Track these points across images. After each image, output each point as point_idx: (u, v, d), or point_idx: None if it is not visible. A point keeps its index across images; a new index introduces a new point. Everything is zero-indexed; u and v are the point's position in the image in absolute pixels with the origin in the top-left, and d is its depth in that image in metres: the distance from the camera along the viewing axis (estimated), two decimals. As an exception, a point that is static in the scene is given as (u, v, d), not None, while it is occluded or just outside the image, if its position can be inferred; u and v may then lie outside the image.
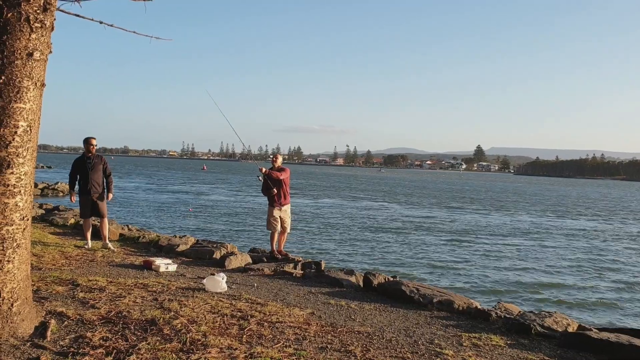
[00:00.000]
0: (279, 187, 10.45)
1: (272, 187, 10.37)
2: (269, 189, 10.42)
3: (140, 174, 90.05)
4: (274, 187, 10.38)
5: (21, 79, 4.85)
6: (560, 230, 32.57)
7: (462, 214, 40.38)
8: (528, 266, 19.60)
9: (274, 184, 10.40)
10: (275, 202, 10.46)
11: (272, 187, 10.37)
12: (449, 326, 6.62)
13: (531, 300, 14.40)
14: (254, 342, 5.34)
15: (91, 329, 5.37)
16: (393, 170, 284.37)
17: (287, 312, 6.62)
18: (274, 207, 10.50)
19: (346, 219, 32.89)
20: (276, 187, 10.41)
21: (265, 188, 10.53)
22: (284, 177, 10.51)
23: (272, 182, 10.40)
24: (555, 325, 6.62)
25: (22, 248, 5.05)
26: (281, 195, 10.49)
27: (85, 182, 10.35)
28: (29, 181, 5.06)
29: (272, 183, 10.39)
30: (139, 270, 8.82)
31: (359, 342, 5.67)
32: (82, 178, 10.38)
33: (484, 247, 23.55)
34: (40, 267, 8.28)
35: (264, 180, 10.41)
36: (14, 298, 4.97)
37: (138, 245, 11.44)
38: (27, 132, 4.95)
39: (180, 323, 5.73)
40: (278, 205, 10.50)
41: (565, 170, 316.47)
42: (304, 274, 9.37)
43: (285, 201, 10.61)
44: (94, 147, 10.46)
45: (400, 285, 8.03)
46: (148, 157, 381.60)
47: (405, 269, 17.57)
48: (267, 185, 10.44)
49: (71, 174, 10.55)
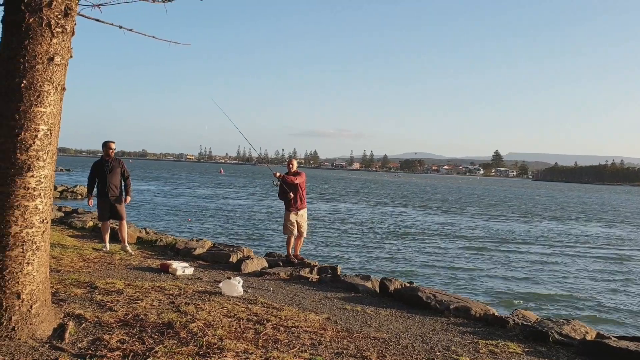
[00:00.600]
0: (295, 191, 10.47)
1: (289, 192, 10.39)
2: (286, 193, 10.44)
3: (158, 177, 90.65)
4: (290, 192, 10.40)
5: (42, 83, 4.91)
6: (581, 237, 32.24)
7: (479, 220, 40.13)
8: (546, 273, 19.43)
9: (290, 189, 10.43)
10: (291, 206, 10.49)
11: (288, 191, 10.40)
12: (465, 333, 6.57)
13: (549, 308, 14.27)
14: (269, 347, 5.35)
15: (108, 331, 5.41)
16: (410, 175, 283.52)
17: (303, 317, 6.61)
18: (290, 212, 10.53)
19: (362, 224, 32.84)
20: (292, 192, 10.43)
21: (281, 192, 10.57)
22: (300, 182, 10.54)
23: (287, 186, 10.43)
24: (573, 333, 6.55)
25: (41, 250, 5.10)
26: (297, 199, 10.51)
27: (103, 185, 10.43)
28: (49, 184, 5.11)
29: (288, 187, 10.42)
30: (156, 274, 8.87)
31: (375, 348, 5.65)
32: (101, 181, 10.47)
33: (502, 254, 23.39)
34: (59, 270, 8.36)
35: (280, 184, 10.44)
36: (33, 300, 5.02)
37: (155, 248, 11.51)
38: (47, 136, 5.01)
39: (197, 326, 5.75)
40: (294, 210, 10.52)
41: (584, 176, 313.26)
42: (320, 278, 9.36)
43: (302, 205, 10.63)
44: (112, 150, 10.55)
45: (416, 291, 8.00)
46: (166, 161, 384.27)
47: (422, 275, 17.49)
48: (283, 189, 10.47)
49: (90, 177, 10.61)
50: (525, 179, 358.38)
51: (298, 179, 10.53)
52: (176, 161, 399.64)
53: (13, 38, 4.84)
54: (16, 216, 4.86)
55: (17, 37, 4.83)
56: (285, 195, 10.47)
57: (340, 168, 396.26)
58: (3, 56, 4.90)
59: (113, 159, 10.59)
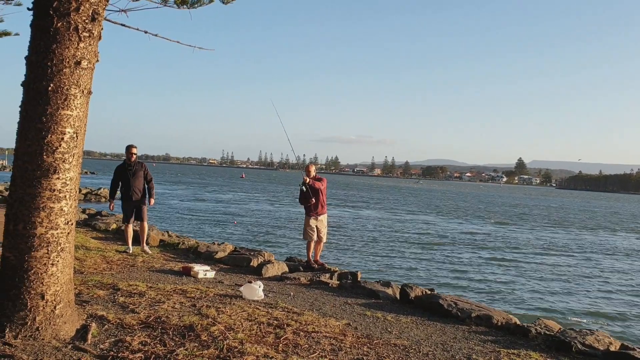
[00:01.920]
0: (316, 196, 10.48)
1: (312, 197, 10.40)
2: (308, 198, 10.45)
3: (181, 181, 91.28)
4: (313, 197, 10.41)
5: (69, 87, 4.98)
6: (611, 248, 31.79)
7: (502, 228, 39.80)
8: (570, 283, 19.20)
9: (313, 194, 10.44)
10: (311, 211, 10.49)
11: (311, 196, 10.40)
12: (487, 341, 6.51)
13: (572, 318, 14.08)
14: (289, 351, 5.35)
15: (130, 333, 5.46)
16: (431, 182, 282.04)
17: (323, 322, 6.60)
18: (310, 217, 10.54)
19: (382, 230, 32.74)
20: (314, 197, 10.45)
21: (303, 197, 10.57)
22: (322, 187, 10.54)
23: (313, 191, 10.44)
24: (596, 344, 6.45)
25: (65, 252, 5.16)
26: (318, 204, 10.51)
27: (127, 188, 10.53)
28: (74, 186, 5.18)
29: (312, 193, 10.43)
30: (178, 276, 8.92)
31: (395, 355, 5.63)
32: (124, 184, 10.57)
33: (525, 263, 23.16)
34: (82, 271, 8.45)
35: (305, 189, 10.42)
36: (57, 301, 5.08)
37: (177, 251, 11.58)
38: (73, 139, 5.07)
39: (218, 330, 5.77)
40: (314, 215, 10.53)
41: (609, 185, 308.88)
42: (340, 284, 9.34)
43: (322, 211, 10.63)
44: (134, 155, 10.64)
45: (437, 299, 7.94)
46: (189, 165, 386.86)
47: (443, 283, 17.38)
48: (305, 195, 10.48)
49: (113, 181, 10.73)
50: (549, 187, 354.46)
51: (321, 185, 10.53)
52: (199, 165, 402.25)
53: (41, 42, 4.93)
54: (42, 217, 4.93)
55: (45, 41, 4.91)
56: (307, 200, 10.47)
57: (361, 174, 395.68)
58: (31, 60, 4.98)
59: (135, 162, 10.69)
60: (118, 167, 10.76)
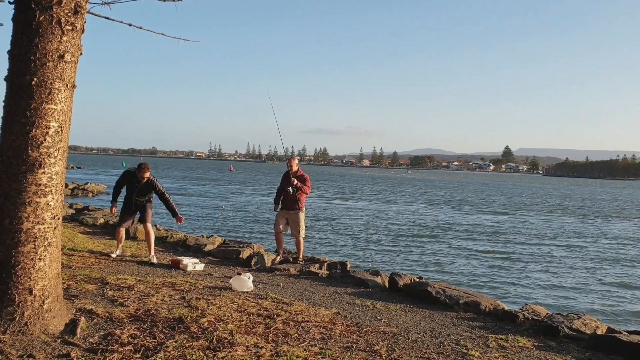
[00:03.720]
0: (286, 192, 10.36)
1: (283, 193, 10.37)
2: (279, 193, 10.49)
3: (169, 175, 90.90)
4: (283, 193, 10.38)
5: (52, 81, 4.95)
6: (594, 233, 32.07)
7: (487, 216, 40.03)
8: (557, 269, 19.35)
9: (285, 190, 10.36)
10: (282, 205, 10.47)
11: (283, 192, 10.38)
12: (475, 327, 6.58)
13: (559, 303, 14.22)
14: (279, 341, 5.38)
15: (120, 326, 5.46)
16: (420, 172, 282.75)
17: (312, 312, 6.64)
18: (280, 210, 10.53)
19: (372, 220, 32.82)
20: (284, 193, 10.37)
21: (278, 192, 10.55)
22: (306, 188, 10.37)
23: (299, 191, 10.31)
24: (583, 328, 6.54)
25: (53, 246, 5.15)
26: (287, 200, 10.35)
27: (129, 200, 9.79)
28: (60, 181, 5.16)
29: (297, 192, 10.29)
30: (167, 270, 8.92)
31: (384, 342, 5.67)
32: (127, 195, 9.84)
33: (512, 249, 23.32)
34: (71, 266, 8.42)
35: (293, 191, 10.21)
36: (45, 295, 5.07)
37: (166, 244, 11.57)
38: (58, 133, 5.05)
39: (208, 321, 5.79)
40: (284, 209, 10.44)
41: (595, 171, 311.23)
42: (330, 274, 9.38)
43: (294, 207, 10.31)
44: (144, 179, 9.66)
45: (426, 286, 8.01)
46: (176, 158, 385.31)
47: (431, 271, 17.47)
48: (278, 190, 10.51)
49: (119, 183, 9.89)
50: (536, 174, 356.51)
51: (305, 188, 10.35)
52: (186, 158, 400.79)
53: (23, 36, 4.90)
54: (28, 212, 4.92)
55: (28, 35, 4.87)
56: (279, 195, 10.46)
57: (349, 165, 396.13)
58: (14, 54, 4.95)
59: (147, 182, 9.74)
60: (127, 174, 9.87)
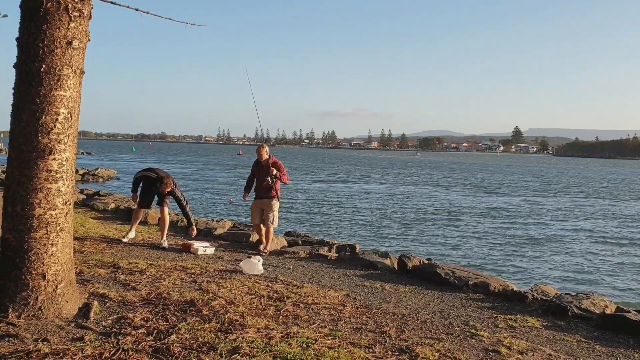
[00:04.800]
0: (258, 181, 9.90)
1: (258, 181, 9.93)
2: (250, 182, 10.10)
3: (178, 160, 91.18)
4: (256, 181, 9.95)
5: (61, 67, 4.98)
6: (606, 213, 31.96)
7: (496, 197, 39.94)
8: (566, 249, 19.35)
9: (258, 179, 9.93)
10: (255, 194, 10.01)
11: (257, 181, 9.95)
12: (484, 308, 6.62)
13: (569, 283, 14.24)
14: (290, 323, 5.43)
15: (132, 310, 5.53)
16: (429, 153, 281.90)
17: (322, 294, 6.69)
18: (254, 199, 10.04)
19: (381, 203, 32.85)
20: (257, 181, 9.93)
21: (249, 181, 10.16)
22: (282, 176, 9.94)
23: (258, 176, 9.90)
24: (592, 307, 6.56)
25: (65, 232, 5.21)
26: (261, 188, 9.87)
27: (147, 200, 10.05)
28: (70, 167, 5.20)
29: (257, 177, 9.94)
30: (178, 253, 8.99)
31: (393, 323, 5.72)
32: (147, 194, 9.95)
33: (520, 230, 23.30)
34: (83, 251, 8.51)
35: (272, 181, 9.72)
36: (58, 280, 5.14)
37: (177, 229, 11.63)
38: (67, 119, 5.09)
39: (219, 304, 5.85)
40: (257, 198, 9.96)
41: (606, 151, 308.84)
42: (339, 256, 9.43)
43: (267, 195, 9.81)
44: (165, 187, 9.52)
45: (435, 268, 8.04)
46: (185, 143, 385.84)
47: (440, 253, 17.51)
48: (249, 179, 10.12)
49: (137, 179, 9.93)
50: (546, 154, 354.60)
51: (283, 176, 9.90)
52: (195, 143, 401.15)
53: (32, 23, 4.91)
54: (39, 198, 4.97)
55: (36, 22, 4.89)
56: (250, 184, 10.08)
57: (358, 147, 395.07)
58: (22, 41, 4.97)
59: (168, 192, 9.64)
60: (147, 179, 9.83)
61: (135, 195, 10.04)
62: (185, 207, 9.83)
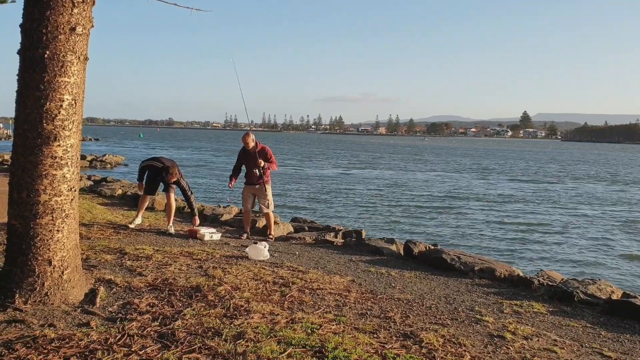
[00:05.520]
0: (248, 167, 9.74)
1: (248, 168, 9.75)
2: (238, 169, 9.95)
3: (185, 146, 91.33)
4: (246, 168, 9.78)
5: (65, 54, 4.97)
6: (612, 198, 31.83)
7: (502, 183, 39.84)
8: (573, 234, 19.30)
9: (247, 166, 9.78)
10: (245, 180, 9.88)
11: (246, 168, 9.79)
12: (490, 294, 6.61)
13: (575, 268, 14.21)
14: (295, 308, 5.45)
15: (138, 295, 5.56)
16: (436, 139, 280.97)
17: (327, 280, 6.70)
18: (245, 185, 9.89)
19: (387, 189, 32.82)
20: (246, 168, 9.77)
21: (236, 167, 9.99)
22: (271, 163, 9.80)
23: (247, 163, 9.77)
24: (598, 293, 6.54)
25: (70, 218, 5.23)
26: (251, 175, 9.71)
27: (153, 188, 10.18)
28: (75, 153, 5.21)
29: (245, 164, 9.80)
30: (184, 239, 9.02)
31: (398, 308, 5.72)
32: (152, 182, 10.04)
33: (527, 216, 23.24)
34: (89, 237, 8.54)
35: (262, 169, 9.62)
36: (64, 266, 5.17)
37: (183, 215, 11.66)
38: (72, 106, 5.09)
39: (224, 290, 5.87)
40: (248, 184, 9.82)
41: (615, 135, 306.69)
42: (345, 242, 9.44)
43: (259, 181, 9.67)
44: (171, 177, 9.64)
45: (441, 254, 8.03)
46: (192, 129, 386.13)
47: (446, 238, 17.50)
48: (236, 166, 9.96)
49: (144, 169, 9.97)
50: (554, 139, 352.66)
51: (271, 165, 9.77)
52: (203, 129, 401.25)
53: (35, 9, 4.90)
54: (45, 185, 4.98)
55: (39, 8, 4.88)
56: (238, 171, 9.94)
57: (365, 133, 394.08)
58: (26, 27, 4.97)
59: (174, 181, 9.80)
60: (153, 168, 9.88)
61: (141, 184, 10.12)
62: (189, 197, 9.95)
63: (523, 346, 4.81)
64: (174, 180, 9.68)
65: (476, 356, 4.49)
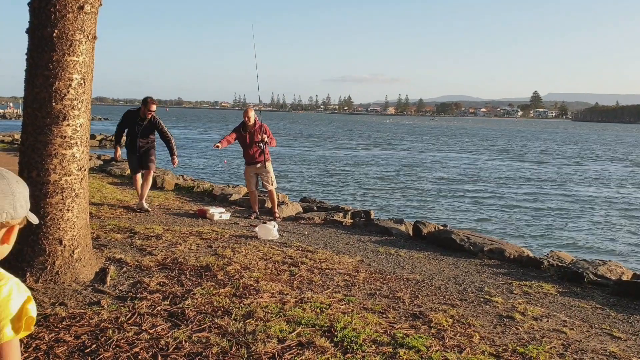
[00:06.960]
0: (248, 147, 9.61)
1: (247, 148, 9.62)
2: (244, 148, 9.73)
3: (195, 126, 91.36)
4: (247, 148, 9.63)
5: (73, 32, 4.95)
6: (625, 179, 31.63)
7: (513, 163, 39.66)
8: (583, 215, 19.21)
9: (244, 145, 9.67)
10: (246, 160, 9.80)
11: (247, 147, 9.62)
12: (499, 274, 6.60)
13: (585, 249, 14.16)
14: (304, 288, 5.46)
15: (148, 274, 5.59)
16: (446, 119, 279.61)
17: (336, 260, 6.71)
18: (246, 165, 9.82)
19: (396, 169, 32.75)
20: (247, 148, 9.62)
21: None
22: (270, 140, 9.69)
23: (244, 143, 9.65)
24: (609, 274, 6.52)
25: (80, 197, 5.24)
26: (253, 154, 9.61)
27: (133, 142, 9.67)
28: (84, 133, 5.21)
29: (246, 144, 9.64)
30: (194, 219, 9.04)
31: (407, 289, 5.73)
32: (131, 136, 9.70)
33: (537, 196, 23.14)
34: (100, 216, 8.58)
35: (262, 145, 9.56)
36: (74, 245, 5.20)
37: (193, 194, 11.69)
38: (81, 85, 5.08)
39: (234, 269, 5.89)
40: (250, 163, 9.73)
41: (626, 115, 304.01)
42: (354, 222, 9.43)
43: (259, 159, 9.60)
44: (151, 112, 9.45)
45: (450, 234, 8.01)
46: (201, 109, 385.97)
47: (456, 218, 17.47)
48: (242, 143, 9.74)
49: (120, 126, 9.74)
50: (565, 120, 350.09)
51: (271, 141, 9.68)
52: (211, 109, 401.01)
53: (43, -13, 4.87)
54: (54, 164, 4.99)
55: (47, -14, 4.85)
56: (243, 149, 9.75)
57: (374, 113, 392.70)
58: (34, 6, 4.95)
59: (150, 119, 9.58)
60: (129, 114, 9.69)
61: (118, 149, 9.96)
62: (170, 139, 9.65)
63: (532, 327, 4.80)
64: (154, 110, 9.42)
65: (485, 336, 4.50)
